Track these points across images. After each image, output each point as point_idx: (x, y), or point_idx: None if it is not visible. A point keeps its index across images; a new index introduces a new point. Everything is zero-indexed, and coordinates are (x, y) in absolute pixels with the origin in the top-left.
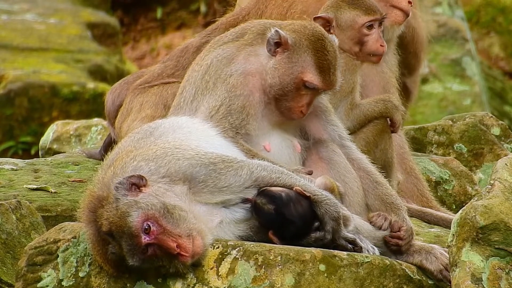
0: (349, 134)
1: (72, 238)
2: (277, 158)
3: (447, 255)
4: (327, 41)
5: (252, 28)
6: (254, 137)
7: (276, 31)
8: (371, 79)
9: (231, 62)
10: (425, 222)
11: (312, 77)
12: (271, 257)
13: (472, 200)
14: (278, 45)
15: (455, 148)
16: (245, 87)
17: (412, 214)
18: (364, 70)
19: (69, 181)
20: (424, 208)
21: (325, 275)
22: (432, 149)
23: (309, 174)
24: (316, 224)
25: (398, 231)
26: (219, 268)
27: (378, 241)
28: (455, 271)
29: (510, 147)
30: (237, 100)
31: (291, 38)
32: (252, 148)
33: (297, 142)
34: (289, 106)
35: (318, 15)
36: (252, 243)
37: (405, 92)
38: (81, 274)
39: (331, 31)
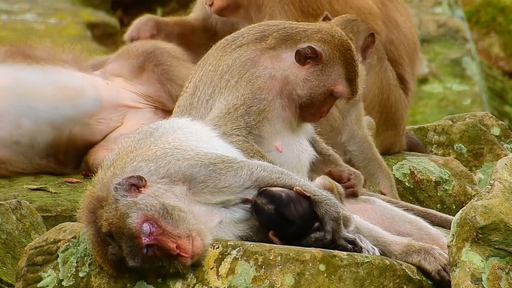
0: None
1: (72, 238)
2: (288, 159)
3: (446, 256)
4: (353, 49)
5: (274, 34)
6: (266, 139)
7: (311, 47)
8: None
9: (256, 64)
10: (428, 222)
11: (342, 88)
12: (271, 257)
13: (472, 200)
14: (309, 57)
15: (455, 148)
16: (270, 92)
17: (416, 214)
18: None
19: (64, 181)
20: (428, 209)
21: (325, 275)
22: (432, 149)
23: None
24: (316, 224)
25: (348, 180)
26: (219, 268)
27: (378, 241)
28: (455, 271)
29: (510, 147)
30: (259, 103)
31: (325, 52)
32: (261, 149)
33: (306, 143)
34: (312, 112)
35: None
36: (252, 243)
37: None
38: (81, 274)
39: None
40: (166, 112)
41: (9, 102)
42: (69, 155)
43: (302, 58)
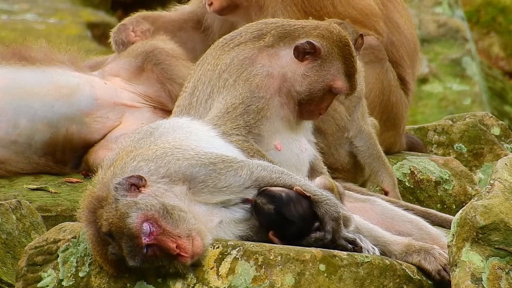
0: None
1: (72, 238)
2: (287, 158)
3: (446, 256)
4: (351, 45)
5: (272, 31)
6: (265, 137)
7: (310, 42)
8: None
9: (254, 62)
10: (428, 222)
11: (341, 84)
12: (271, 257)
13: (472, 200)
14: (307, 53)
15: (455, 148)
16: (268, 90)
17: (416, 214)
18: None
19: (64, 181)
20: (429, 209)
21: (325, 275)
22: (432, 149)
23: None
24: (316, 224)
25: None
26: (219, 268)
27: (378, 241)
28: (455, 271)
29: (510, 147)
30: (258, 102)
31: (324, 48)
32: (261, 149)
33: (305, 142)
34: (311, 109)
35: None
36: (252, 243)
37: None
38: (81, 274)
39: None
40: (166, 111)
41: (5, 102)
42: (67, 154)
43: (301, 53)
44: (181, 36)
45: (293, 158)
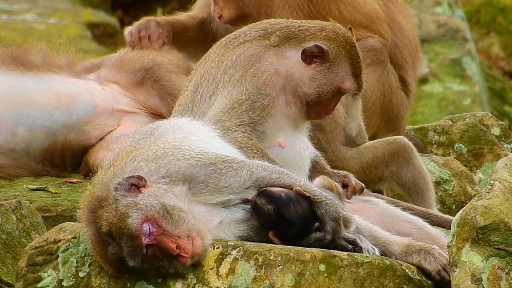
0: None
1: (72, 238)
2: (290, 155)
3: (446, 256)
4: (356, 45)
5: (277, 32)
6: (268, 135)
7: (318, 45)
8: None
9: (261, 59)
10: (429, 223)
11: (350, 85)
12: (271, 257)
13: (472, 200)
14: (315, 56)
15: (455, 148)
16: (274, 88)
17: (417, 214)
18: None
19: (64, 181)
20: (429, 210)
21: (325, 275)
22: (432, 149)
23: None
24: (316, 224)
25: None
26: (219, 268)
27: (378, 241)
28: (455, 271)
29: (510, 147)
30: (264, 99)
31: (331, 50)
32: (263, 148)
33: (307, 140)
34: (319, 110)
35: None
36: (252, 243)
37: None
38: (81, 274)
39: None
40: (164, 118)
41: (4, 111)
42: (65, 160)
43: (308, 57)
44: (190, 52)
45: (296, 156)
